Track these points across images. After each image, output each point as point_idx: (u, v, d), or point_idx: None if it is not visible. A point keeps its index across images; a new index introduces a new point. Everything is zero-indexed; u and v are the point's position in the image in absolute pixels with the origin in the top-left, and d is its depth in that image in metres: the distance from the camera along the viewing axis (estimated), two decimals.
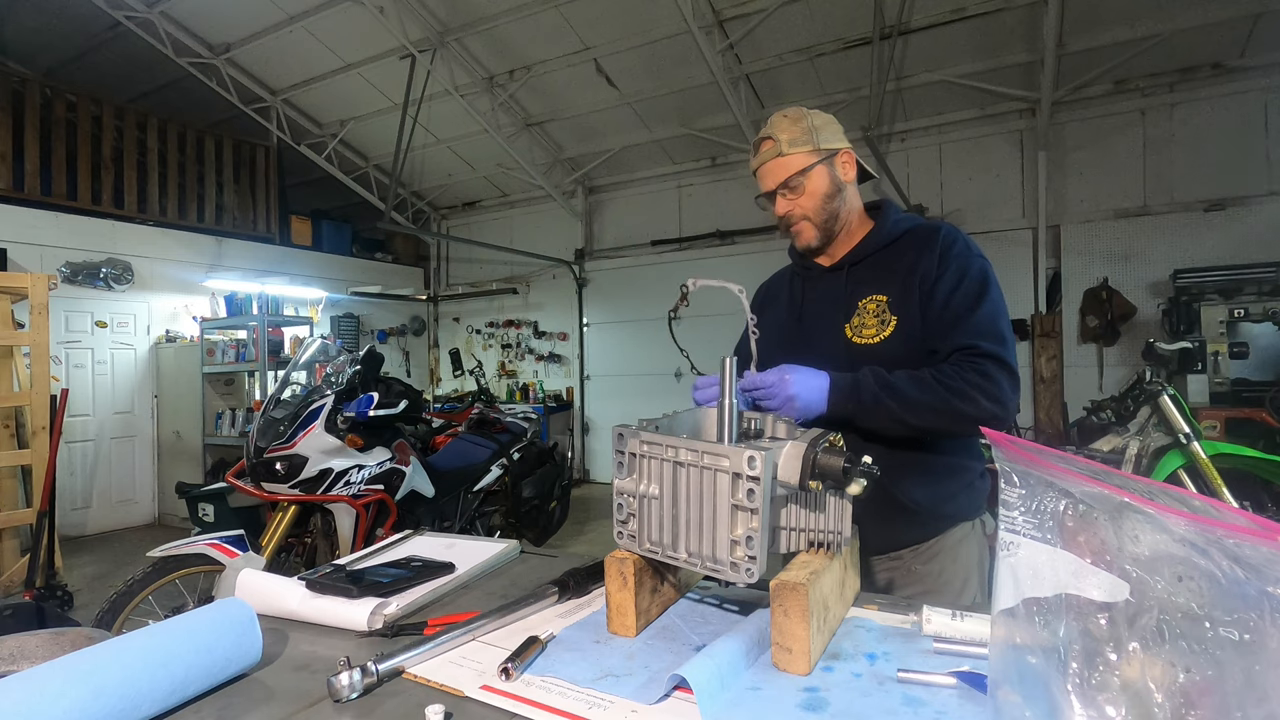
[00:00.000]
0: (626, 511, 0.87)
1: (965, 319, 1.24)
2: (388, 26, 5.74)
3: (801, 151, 1.33)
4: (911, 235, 1.36)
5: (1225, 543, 0.44)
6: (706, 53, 5.35)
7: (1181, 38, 5.07)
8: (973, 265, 1.29)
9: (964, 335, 1.23)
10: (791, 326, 1.46)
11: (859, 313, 1.34)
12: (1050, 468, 0.54)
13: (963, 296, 1.26)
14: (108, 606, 2.24)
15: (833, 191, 1.36)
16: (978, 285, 1.27)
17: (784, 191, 1.36)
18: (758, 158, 1.38)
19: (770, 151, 1.35)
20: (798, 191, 1.35)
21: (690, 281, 1.15)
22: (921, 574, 1.32)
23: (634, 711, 0.69)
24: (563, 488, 4.22)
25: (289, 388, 3.09)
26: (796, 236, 1.41)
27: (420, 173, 8.50)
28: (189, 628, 0.75)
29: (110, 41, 6.62)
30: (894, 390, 1.18)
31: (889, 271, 1.34)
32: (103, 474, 6.06)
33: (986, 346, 1.20)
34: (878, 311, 1.32)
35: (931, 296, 1.27)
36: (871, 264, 1.38)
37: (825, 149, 1.34)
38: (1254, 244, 5.16)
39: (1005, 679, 0.56)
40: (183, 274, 6.54)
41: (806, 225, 1.38)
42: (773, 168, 1.35)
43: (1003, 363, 1.20)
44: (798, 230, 1.40)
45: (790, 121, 1.35)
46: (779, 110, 1.40)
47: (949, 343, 1.24)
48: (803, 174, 1.33)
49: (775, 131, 1.34)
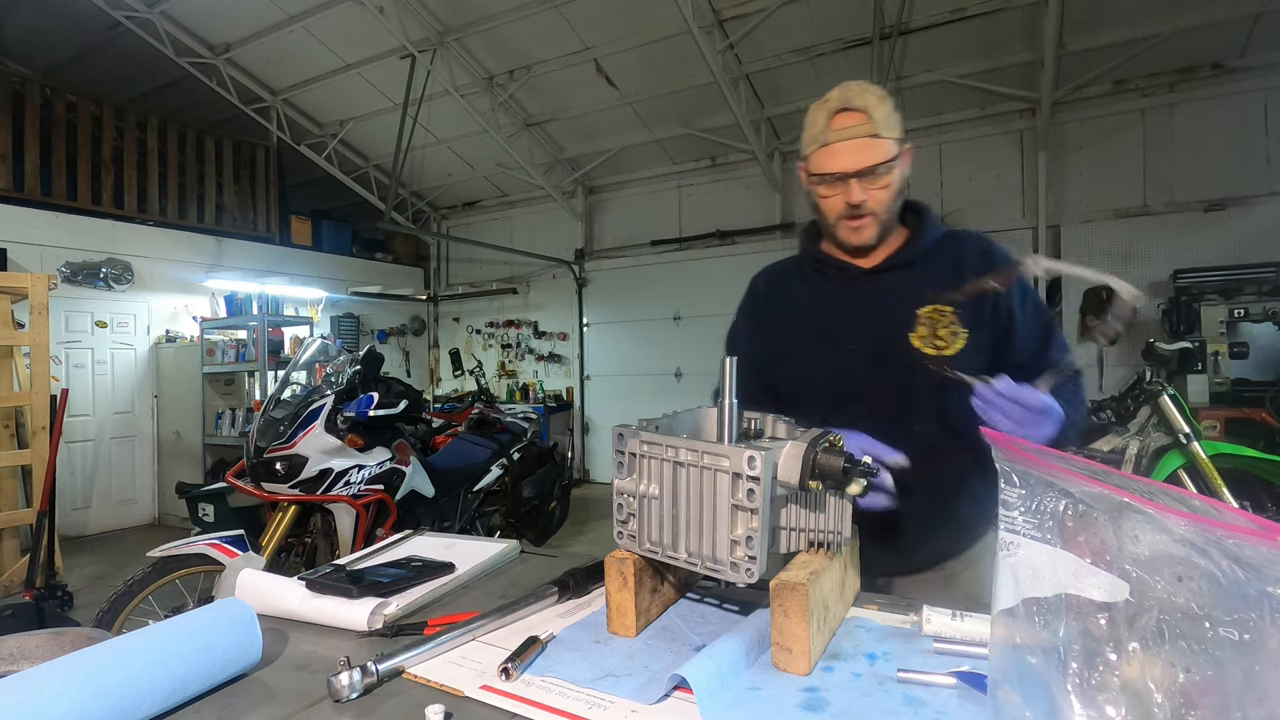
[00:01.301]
0: (626, 511, 0.87)
1: (1050, 334, 1.24)
2: (388, 26, 5.74)
3: (893, 137, 1.17)
4: (955, 240, 1.29)
5: (1225, 543, 0.44)
6: (706, 53, 5.35)
7: (1181, 38, 5.07)
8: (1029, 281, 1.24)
9: (1057, 350, 1.22)
10: (823, 331, 1.31)
11: (923, 322, 1.22)
12: (1050, 468, 0.54)
13: (1037, 311, 1.24)
14: (108, 606, 2.24)
15: (903, 187, 1.23)
16: (1041, 301, 1.27)
17: (866, 178, 1.17)
18: (838, 130, 1.17)
19: (862, 127, 1.15)
20: (877, 181, 1.18)
21: (1034, 261, 1.05)
22: (964, 579, 1.30)
23: (634, 711, 0.69)
24: (563, 488, 4.22)
25: (289, 388, 3.09)
26: (855, 232, 1.23)
27: (420, 173, 8.50)
28: (189, 628, 0.75)
29: (110, 41, 6.62)
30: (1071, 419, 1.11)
31: (943, 277, 1.23)
32: (103, 474, 6.06)
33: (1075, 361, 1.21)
34: (945, 323, 1.21)
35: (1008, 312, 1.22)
36: (921, 269, 1.26)
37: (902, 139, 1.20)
38: (1254, 244, 5.16)
39: (1005, 679, 0.56)
40: (183, 274, 6.54)
41: (872, 222, 1.22)
42: (861, 147, 1.16)
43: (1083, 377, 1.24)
44: (861, 225, 1.22)
45: (879, 99, 1.17)
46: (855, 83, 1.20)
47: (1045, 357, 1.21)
48: (892, 163, 1.17)
49: (867, 105, 1.16)
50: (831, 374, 1.28)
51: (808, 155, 1.23)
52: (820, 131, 1.19)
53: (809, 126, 1.23)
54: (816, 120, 1.21)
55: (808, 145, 1.23)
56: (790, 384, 1.34)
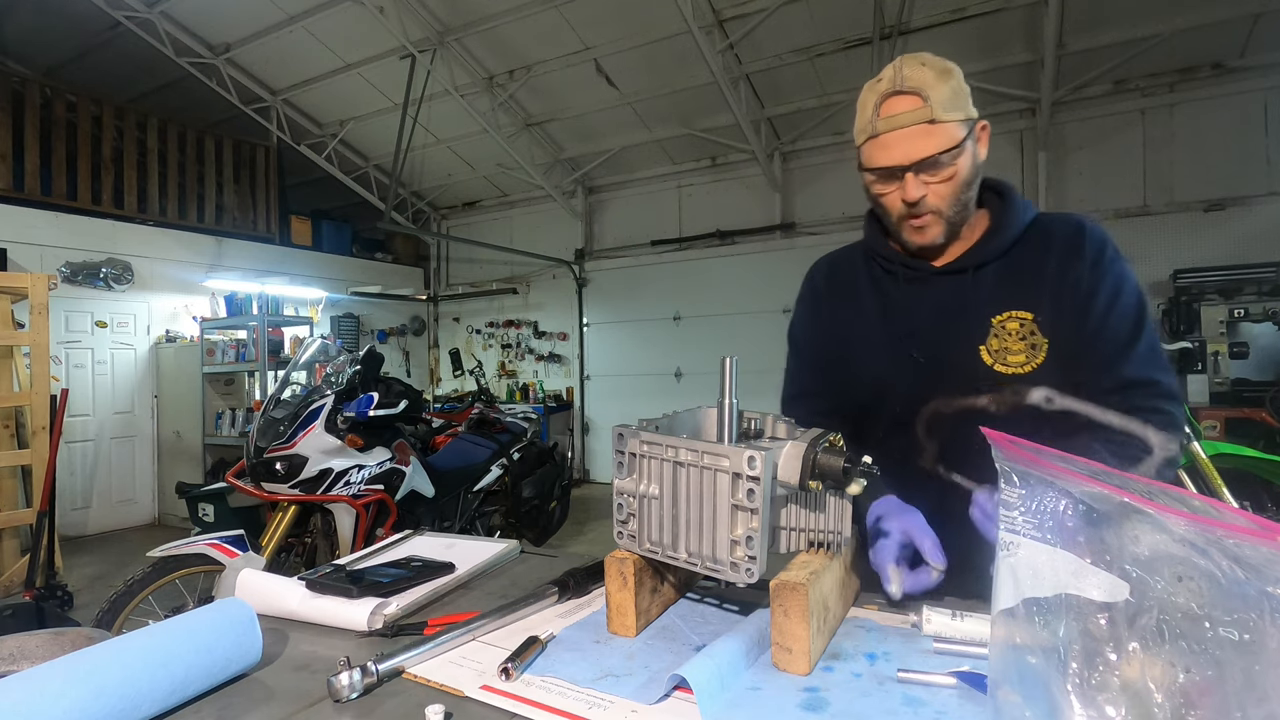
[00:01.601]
0: (626, 511, 0.87)
1: (1132, 345, 1.02)
2: (388, 26, 5.74)
3: (956, 120, 0.98)
4: (1043, 229, 1.09)
5: (1225, 543, 0.44)
6: (706, 53, 5.35)
7: (1181, 38, 5.07)
8: (1127, 276, 1.05)
9: (1135, 366, 1.01)
10: (886, 335, 1.15)
11: (996, 332, 1.06)
12: (1050, 468, 0.54)
13: (1122, 316, 1.02)
14: (108, 606, 2.24)
15: (973, 175, 1.04)
16: (1136, 301, 1.04)
17: (925, 171, 1.00)
18: (889, 117, 0.99)
19: (918, 113, 0.97)
20: (939, 173, 1.00)
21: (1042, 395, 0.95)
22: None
23: (634, 711, 0.68)
24: (563, 488, 4.22)
25: (289, 388, 3.09)
26: (918, 232, 1.06)
27: (420, 173, 8.50)
28: (189, 628, 0.75)
29: (110, 41, 6.62)
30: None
31: (1026, 279, 1.06)
32: (103, 474, 6.06)
33: (1164, 382, 1.00)
34: (1024, 333, 1.04)
35: (1084, 315, 1.03)
36: (1000, 268, 1.08)
37: (973, 117, 1.02)
38: (1254, 244, 5.16)
39: (1005, 679, 0.56)
40: (183, 274, 6.54)
41: (936, 220, 1.04)
42: (916, 136, 0.98)
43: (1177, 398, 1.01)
44: (923, 224, 1.05)
45: (938, 75, 0.99)
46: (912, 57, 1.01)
47: (1114, 375, 1.01)
48: (955, 151, 0.98)
49: (922, 85, 0.98)
50: (892, 384, 1.14)
51: (859, 146, 1.07)
52: (869, 119, 1.02)
53: (859, 112, 1.06)
54: (866, 105, 1.04)
55: (858, 135, 1.06)
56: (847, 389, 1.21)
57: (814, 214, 6.87)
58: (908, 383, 1.12)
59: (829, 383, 1.24)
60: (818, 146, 6.78)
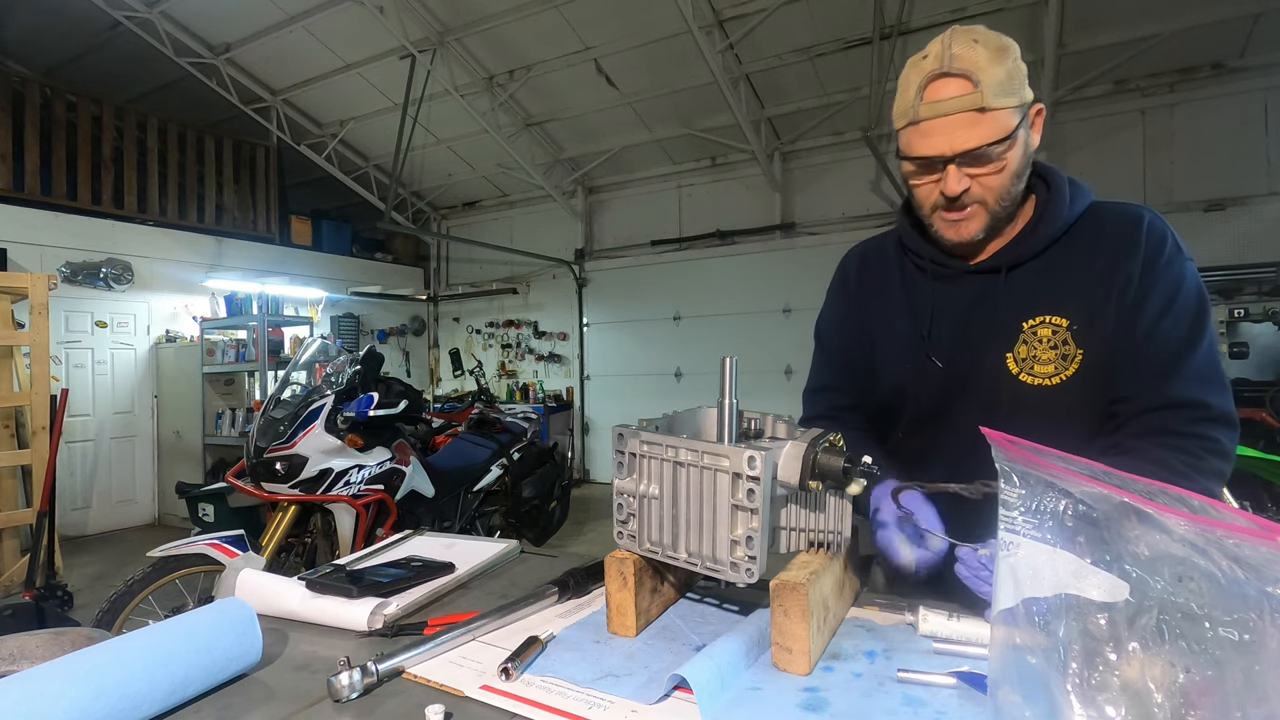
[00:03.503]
0: (626, 511, 0.87)
1: (1182, 360, 0.90)
2: (388, 26, 5.74)
3: (1009, 106, 0.88)
4: (1096, 221, 0.97)
5: (1225, 543, 0.44)
6: (706, 53, 5.35)
7: (1181, 38, 5.07)
8: (1187, 279, 0.93)
9: (1182, 384, 0.89)
10: (909, 340, 1.07)
11: (1026, 339, 0.96)
12: (1050, 468, 0.54)
13: (1175, 325, 0.90)
14: (108, 606, 2.24)
15: (1023, 167, 0.93)
16: (1194, 309, 0.91)
17: (970, 162, 0.90)
18: (934, 102, 0.89)
19: (966, 100, 0.87)
20: (987, 164, 0.90)
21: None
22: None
23: (634, 711, 0.68)
24: (563, 488, 4.22)
25: (289, 388, 3.09)
26: (954, 227, 0.96)
27: (420, 173, 8.50)
28: (189, 628, 0.75)
29: (110, 41, 6.62)
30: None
31: (1066, 280, 0.95)
32: (103, 474, 6.06)
33: (1216, 406, 0.88)
34: (1056, 341, 0.95)
35: (1132, 323, 0.92)
36: (1038, 267, 0.98)
37: (1028, 101, 0.92)
38: (1254, 244, 5.16)
39: (1005, 679, 0.56)
40: (183, 274, 6.54)
41: (980, 212, 0.94)
42: (963, 125, 0.88)
43: (1230, 423, 0.89)
44: (962, 218, 0.95)
45: (993, 56, 0.89)
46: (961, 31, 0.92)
47: (1159, 393, 0.90)
48: (1008, 141, 0.89)
49: (974, 67, 0.88)
50: (911, 387, 1.07)
51: (898, 130, 0.96)
52: (911, 102, 0.92)
53: (900, 92, 0.95)
54: (909, 85, 0.93)
55: (898, 118, 0.96)
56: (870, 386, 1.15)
57: (814, 214, 6.86)
58: (927, 387, 1.05)
59: (853, 378, 1.17)
60: (818, 146, 6.78)
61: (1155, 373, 0.91)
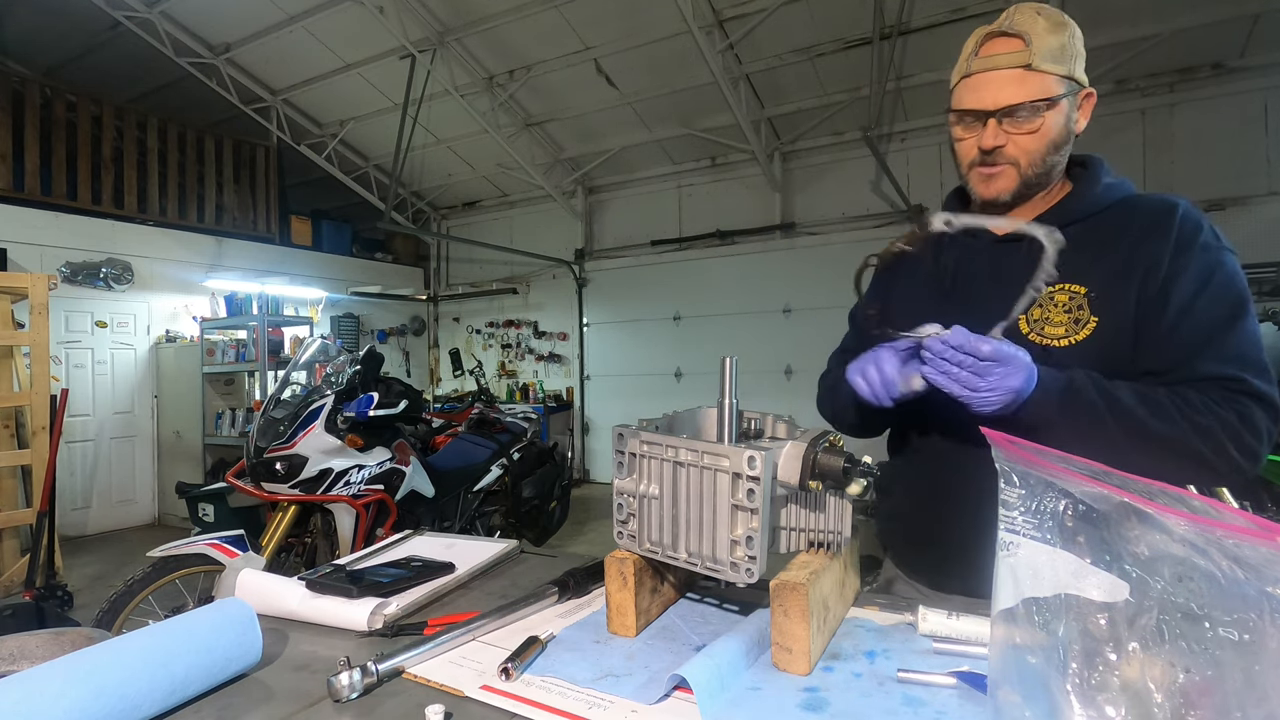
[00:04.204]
0: (626, 511, 0.87)
1: (1219, 338, 0.90)
2: (388, 26, 5.74)
3: (1057, 72, 0.94)
4: (1128, 209, 1.01)
5: (1225, 543, 0.44)
6: (706, 53, 5.35)
7: (1181, 38, 5.07)
8: (1225, 263, 0.94)
9: (1218, 361, 0.89)
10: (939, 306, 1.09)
11: (1041, 303, 1.00)
12: (1050, 468, 0.54)
13: (1212, 304, 0.92)
14: (108, 606, 2.24)
15: (1062, 140, 0.99)
16: (1234, 291, 0.92)
17: (1009, 119, 0.96)
18: (985, 57, 0.97)
19: (1017, 56, 0.94)
20: (1024, 124, 0.96)
21: (943, 219, 0.92)
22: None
23: (634, 711, 0.69)
24: (563, 488, 4.22)
25: (289, 388, 3.09)
26: (986, 181, 1.02)
27: (420, 173, 8.50)
28: (189, 628, 0.75)
29: (110, 41, 6.62)
30: (1120, 408, 0.88)
31: (1092, 254, 0.98)
32: (103, 474, 6.06)
33: (1255, 383, 0.88)
34: (1070, 306, 0.98)
35: (1163, 300, 0.93)
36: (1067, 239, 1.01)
37: (1079, 80, 0.97)
38: (1254, 244, 5.15)
39: (1005, 679, 0.56)
40: (183, 274, 6.54)
41: (1011, 172, 1.00)
42: (1009, 81, 0.95)
43: (1269, 406, 0.88)
44: (994, 173, 1.01)
45: (1050, 26, 0.95)
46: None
47: (1191, 368, 0.90)
48: (1049, 104, 0.95)
49: (1030, 29, 0.94)
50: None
51: (952, 88, 1.03)
52: (967, 58, 1.00)
53: (961, 54, 1.03)
54: (968, 46, 1.01)
55: (954, 76, 1.04)
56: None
57: (814, 214, 6.86)
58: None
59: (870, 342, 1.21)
60: (818, 146, 6.78)
61: (1191, 349, 0.91)
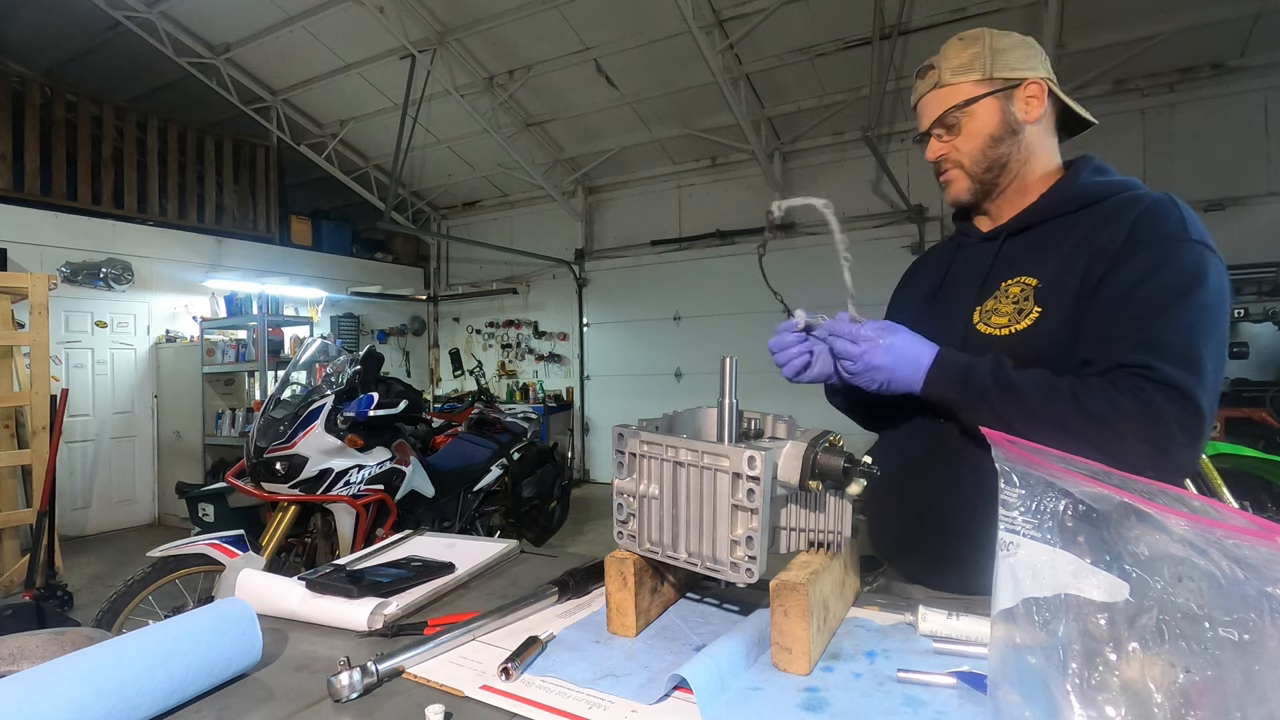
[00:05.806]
0: (626, 511, 0.87)
1: (1145, 324, 0.88)
2: (388, 26, 5.74)
3: (968, 80, 1.05)
4: (1108, 203, 1.03)
5: (1225, 543, 0.44)
6: (706, 53, 5.35)
7: (1181, 38, 5.07)
8: (1182, 253, 0.91)
9: (1134, 349, 0.87)
10: (923, 307, 1.18)
11: (997, 295, 1.04)
12: (1050, 468, 0.54)
13: (1155, 293, 0.89)
14: (108, 606, 2.24)
15: (1002, 133, 1.06)
16: (1179, 280, 0.89)
17: (939, 131, 1.09)
18: (916, 90, 1.14)
19: (928, 83, 1.10)
20: (955, 130, 1.08)
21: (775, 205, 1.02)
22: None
23: (634, 711, 0.68)
24: (563, 488, 4.22)
25: (289, 388, 3.09)
26: (946, 188, 1.14)
27: (420, 173, 8.50)
28: (189, 628, 0.75)
29: (110, 41, 6.62)
30: (1010, 391, 0.90)
31: (1054, 247, 1.02)
32: (103, 474, 6.06)
33: (1164, 370, 0.84)
34: (1019, 298, 1.01)
35: (1103, 287, 0.93)
36: (1037, 235, 1.06)
37: (1003, 77, 1.05)
38: (1254, 244, 5.15)
39: (1005, 679, 0.56)
40: (183, 274, 6.54)
41: (959, 175, 1.10)
42: (928, 102, 1.10)
43: (1181, 397, 0.84)
44: (947, 179, 1.12)
45: (961, 45, 1.08)
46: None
47: (1111, 354, 0.89)
48: (963, 108, 1.06)
49: (941, 56, 1.08)
50: None
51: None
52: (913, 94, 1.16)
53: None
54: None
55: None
56: None
57: (814, 214, 6.75)
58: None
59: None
60: (818, 146, 6.78)
61: (1117, 335, 0.90)
